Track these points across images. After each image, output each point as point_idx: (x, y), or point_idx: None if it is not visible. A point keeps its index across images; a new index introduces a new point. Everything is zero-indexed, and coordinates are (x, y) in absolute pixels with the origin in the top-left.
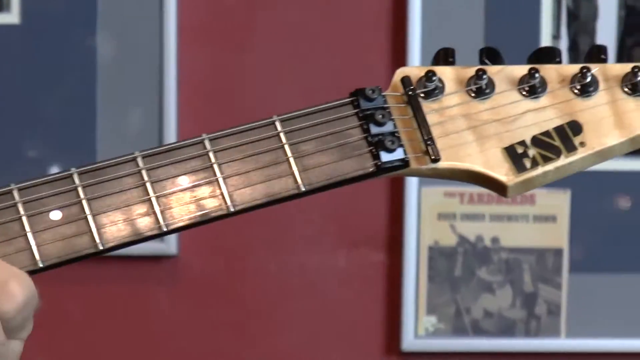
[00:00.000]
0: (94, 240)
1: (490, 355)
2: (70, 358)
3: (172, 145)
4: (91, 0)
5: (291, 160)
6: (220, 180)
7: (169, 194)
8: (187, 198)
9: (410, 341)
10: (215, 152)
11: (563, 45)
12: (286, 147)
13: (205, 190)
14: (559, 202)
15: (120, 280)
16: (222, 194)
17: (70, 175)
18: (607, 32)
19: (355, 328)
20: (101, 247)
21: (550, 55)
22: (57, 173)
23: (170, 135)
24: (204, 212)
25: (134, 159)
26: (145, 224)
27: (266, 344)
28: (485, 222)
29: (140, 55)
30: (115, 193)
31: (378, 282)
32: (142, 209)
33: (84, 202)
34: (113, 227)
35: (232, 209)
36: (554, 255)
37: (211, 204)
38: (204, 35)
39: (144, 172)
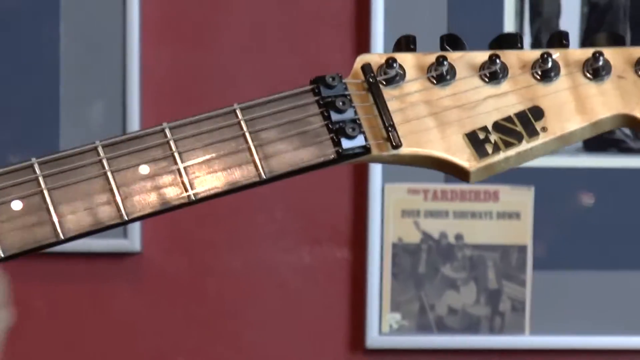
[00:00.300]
0: (55, 230)
1: (454, 352)
2: (33, 355)
3: (133, 135)
4: None
5: (252, 148)
6: (181, 169)
7: (130, 183)
8: (148, 187)
9: (374, 338)
10: (175, 140)
11: (526, 42)
12: (247, 135)
13: (166, 179)
14: (523, 199)
15: (84, 277)
16: (182, 182)
17: (31, 165)
18: (570, 29)
19: (319, 325)
20: (62, 237)
21: (511, 41)
22: (18, 163)
23: (134, 130)
24: (165, 201)
25: (95, 149)
26: (106, 213)
27: (230, 341)
28: (449, 219)
29: (104, 49)
30: (76, 183)
31: (342, 278)
32: (103, 198)
33: (45, 192)
34: (74, 216)
35: (193, 198)
36: (518, 252)
37: (172, 193)
38: (167, 30)
39: (104, 162)
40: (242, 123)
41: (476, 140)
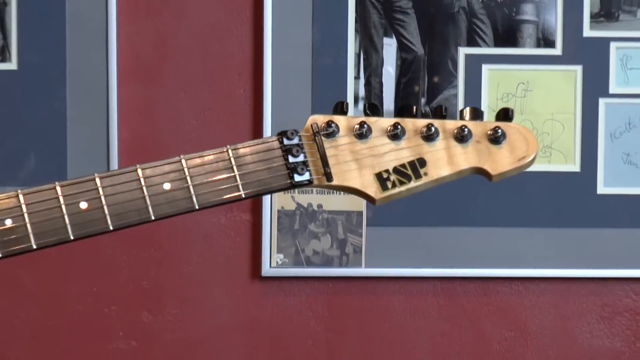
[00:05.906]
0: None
1: (317, 279)
2: None
3: (160, 162)
4: None
5: (237, 175)
6: (190, 187)
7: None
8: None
9: (267, 270)
10: (189, 168)
11: (361, 83)
12: (234, 167)
13: (181, 193)
14: None
15: None
16: (190, 196)
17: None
18: (389, 74)
19: (230, 262)
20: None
21: (408, 111)
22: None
23: None
24: (178, 208)
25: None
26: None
27: (164, 276)
28: (313, 194)
29: None
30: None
31: (246, 232)
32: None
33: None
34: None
35: (197, 207)
36: (357, 215)
37: (184, 203)
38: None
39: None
40: (232, 160)
41: (381, 179)
